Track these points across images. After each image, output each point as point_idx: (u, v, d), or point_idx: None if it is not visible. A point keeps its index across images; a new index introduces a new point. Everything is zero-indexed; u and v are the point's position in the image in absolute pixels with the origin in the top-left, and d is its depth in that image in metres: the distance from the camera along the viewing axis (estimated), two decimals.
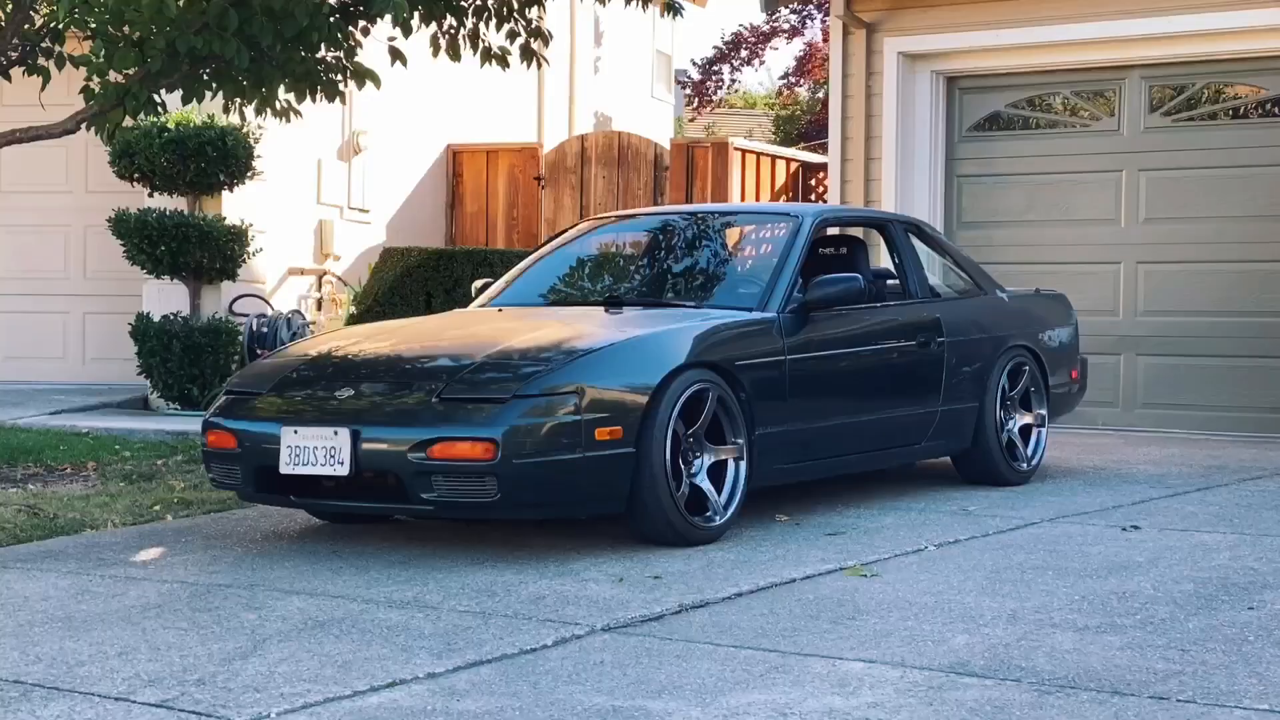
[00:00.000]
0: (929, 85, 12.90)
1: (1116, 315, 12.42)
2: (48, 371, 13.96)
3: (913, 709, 4.36)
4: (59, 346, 14.07)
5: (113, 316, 13.45)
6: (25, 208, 14.06)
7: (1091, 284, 12.43)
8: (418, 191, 16.21)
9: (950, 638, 5.16)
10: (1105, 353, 12.36)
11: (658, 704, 4.45)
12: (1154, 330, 12.28)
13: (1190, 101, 12.25)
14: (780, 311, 7.48)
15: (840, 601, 5.74)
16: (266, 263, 13.54)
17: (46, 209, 14.00)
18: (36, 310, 14.04)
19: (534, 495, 6.43)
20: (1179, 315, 12.21)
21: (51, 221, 14.02)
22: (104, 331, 13.71)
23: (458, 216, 16.77)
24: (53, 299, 14.02)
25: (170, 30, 7.89)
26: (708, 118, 33.89)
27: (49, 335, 14.07)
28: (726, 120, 35.79)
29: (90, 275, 13.93)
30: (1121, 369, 12.41)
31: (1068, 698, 4.44)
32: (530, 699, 4.51)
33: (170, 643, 5.21)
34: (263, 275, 13.48)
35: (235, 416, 6.99)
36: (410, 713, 4.39)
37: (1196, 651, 4.93)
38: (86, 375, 13.91)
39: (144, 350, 12.01)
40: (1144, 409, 12.31)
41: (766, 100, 35.89)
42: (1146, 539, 7.01)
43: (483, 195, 16.69)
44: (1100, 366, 12.35)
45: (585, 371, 6.56)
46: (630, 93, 21.37)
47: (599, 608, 5.66)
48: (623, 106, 21.08)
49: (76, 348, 14.05)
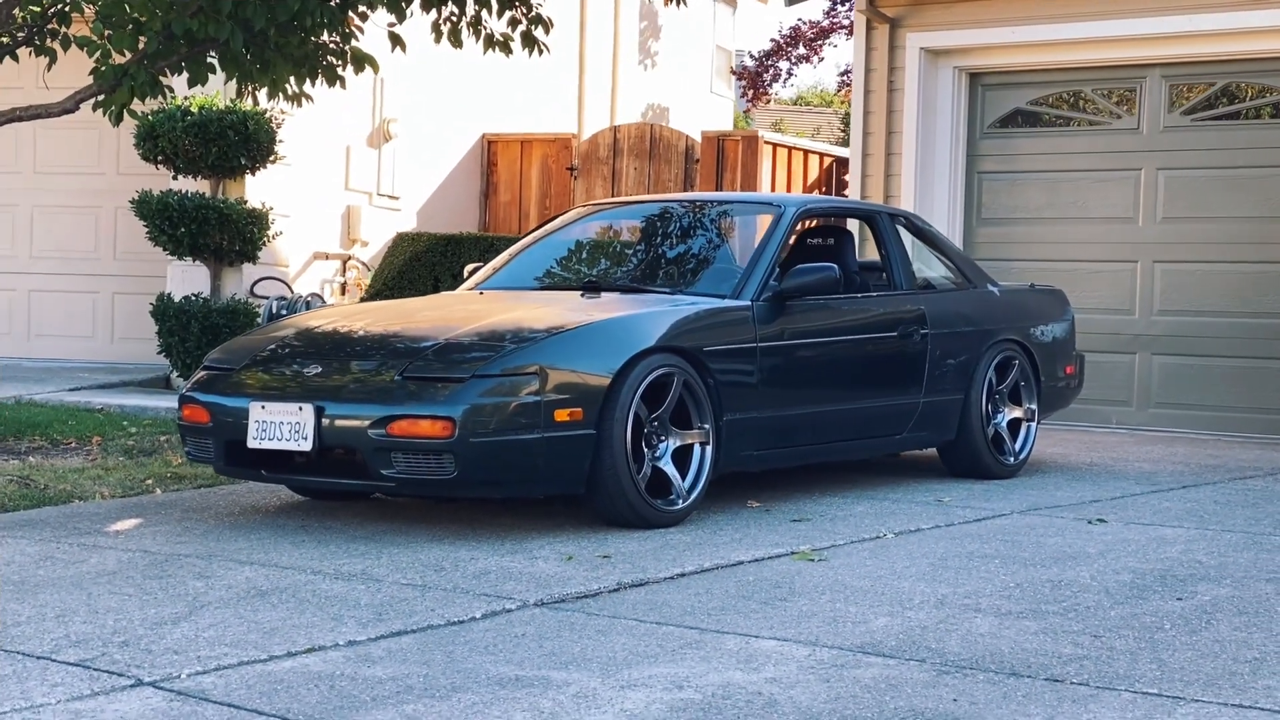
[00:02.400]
0: (951, 81, 12.91)
1: (1132, 314, 12.40)
2: (77, 349, 14.19)
3: (808, 684, 4.43)
4: (89, 325, 14.30)
5: (141, 297, 13.65)
6: (58, 188, 14.30)
7: (1107, 282, 12.42)
8: (451, 179, 16.35)
9: (872, 620, 5.23)
10: (1120, 351, 12.36)
11: (561, 674, 4.53)
12: (1169, 330, 12.25)
13: (1210, 101, 12.22)
14: (754, 299, 7.54)
15: (778, 584, 5.81)
16: (291, 246, 13.72)
17: (79, 190, 14.25)
18: (68, 289, 14.29)
19: (491, 474, 6.53)
20: (1194, 315, 12.17)
21: (83, 202, 14.26)
22: (132, 311, 13.91)
23: (492, 205, 16.91)
24: (83, 278, 14.26)
25: (166, 13, 8.03)
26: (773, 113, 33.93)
27: (79, 314, 14.31)
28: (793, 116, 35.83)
29: (120, 255, 14.16)
30: (1136, 368, 12.39)
31: (963, 678, 4.50)
32: (440, 667, 4.61)
33: (110, 607, 5.34)
34: (286, 259, 13.66)
35: (209, 391, 7.12)
36: (318, 677, 4.49)
37: (1109, 638, 4.97)
38: (114, 354, 14.13)
39: (164, 330, 12.19)
40: (1157, 408, 12.28)
41: (839, 97, 35.91)
42: (1107, 532, 7.04)
43: (516, 184, 16.83)
44: (1114, 365, 12.36)
45: (546, 353, 6.66)
46: (689, 87, 21.50)
47: (538, 584, 5.76)
48: (681, 100, 21.21)
49: (105, 327, 14.27)
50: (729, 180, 15.75)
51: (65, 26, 8.79)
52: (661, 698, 4.30)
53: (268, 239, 12.52)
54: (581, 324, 6.90)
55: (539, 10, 9.20)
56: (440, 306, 7.80)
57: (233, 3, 7.95)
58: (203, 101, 12.19)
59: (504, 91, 16.53)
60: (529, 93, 17.21)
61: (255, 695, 4.29)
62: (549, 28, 9.26)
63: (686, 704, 4.24)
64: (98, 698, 4.26)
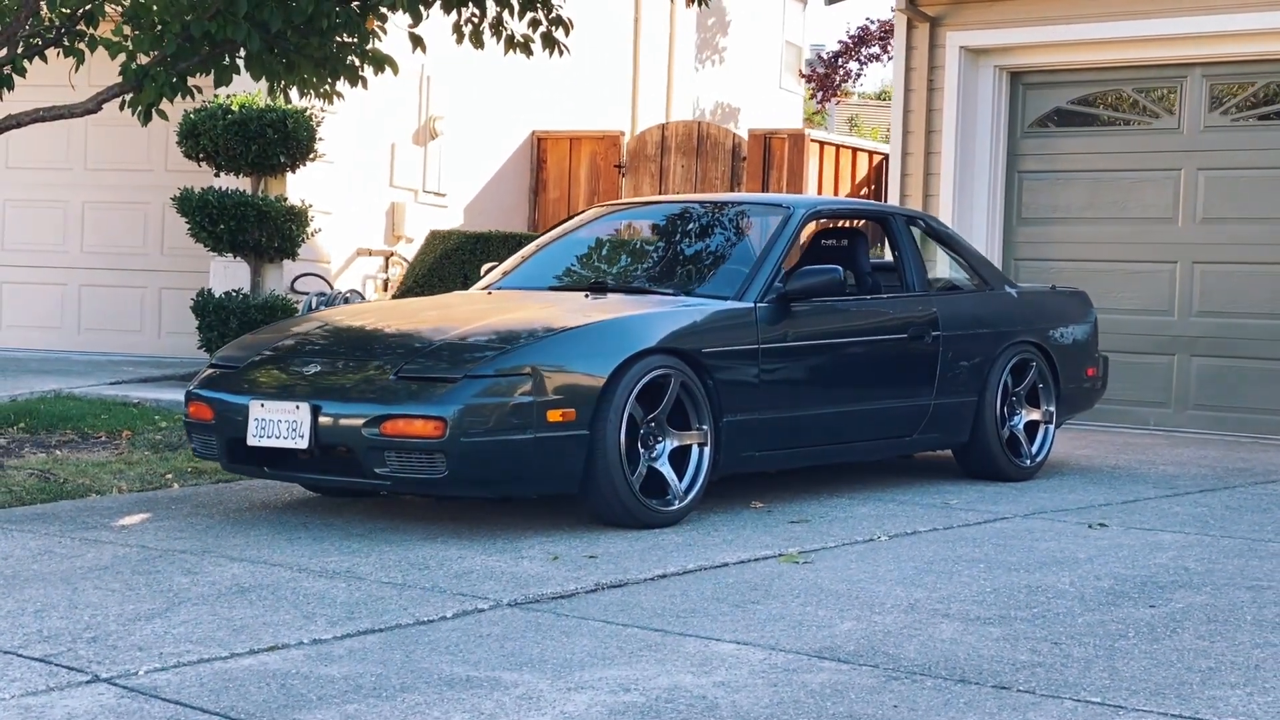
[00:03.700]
0: (991, 80, 12.87)
1: (1171, 315, 12.32)
2: (126, 344, 14.40)
3: (755, 689, 4.47)
4: (137, 320, 14.50)
5: (187, 292, 13.77)
6: (109, 185, 14.50)
7: (1147, 283, 12.36)
8: (500, 176, 16.45)
9: (837, 624, 5.25)
10: (1158, 353, 12.29)
11: (513, 675, 4.59)
12: (1208, 331, 12.16)
13: (1251, 100, 12.12)
14: (757, 301, 7.56)
15: (755, 586, 5.84)
16: (334, 243, 13.85)
17: (129, 186, 14.45)
18: (117, 284, 14.50)
19: (482, 474, 6.59)
20: (1234, 316, 12.07)
21: (133, 199, 14.47)
22: (179, 306, 14.08)
23: (541, 202, 16.99)
24: (132, 274, 14.46)
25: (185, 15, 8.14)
26: (851, 109, 33.80)
27: (128, 309, 14.51)
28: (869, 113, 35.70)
29: (168, 251, 14.34)
30: (1175, 369, 12.31)
31: (911, 684, 4.52)
32: (395, 667, 4.67)
33: (91, 602, 5.44)
34: (327, 255, 13.79)
35: (214, 388, 7.23)
36: (272, 675, 4.57)
37: (1068, 645, 4.97)
38: (162, 349, 14.31)
39: (203, 325, 12.34)
40: (1196, 410, 12.20)
41: None
42: (1104, 536, 7.02)
43: (565, 181, 16.90)
44: (1153, 367, 12.29)
45: (540, 354, 6.71)
46: (757, 83, 21.54)
47: (517, 584, 5.81)
48: (749, 97, 21.25)
49: (153, 321, 14.46)
50: (775, 179, 15.76)
51: (93, 28, 8.92)
52: (604, 700, 4.35)
53: (307, 235, 12.64)
54: (578, 325, 6.95)
55: (559, 11, 9.25)
56: (445, 307, 7.87)
57: (249, 5, 8.05)
58: (244, 100, 12.33)
59: (555, 89, 16.61)
60: (581, 90, 17.29)
61: (205, 693, 4.37)
62: (569, 29, 9.31)
63: (627, 707, 4.29)
64: (51, 693, 4.35)
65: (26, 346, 14.50)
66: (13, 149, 14.23)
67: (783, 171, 15.76)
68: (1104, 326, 12.22)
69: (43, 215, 14.68)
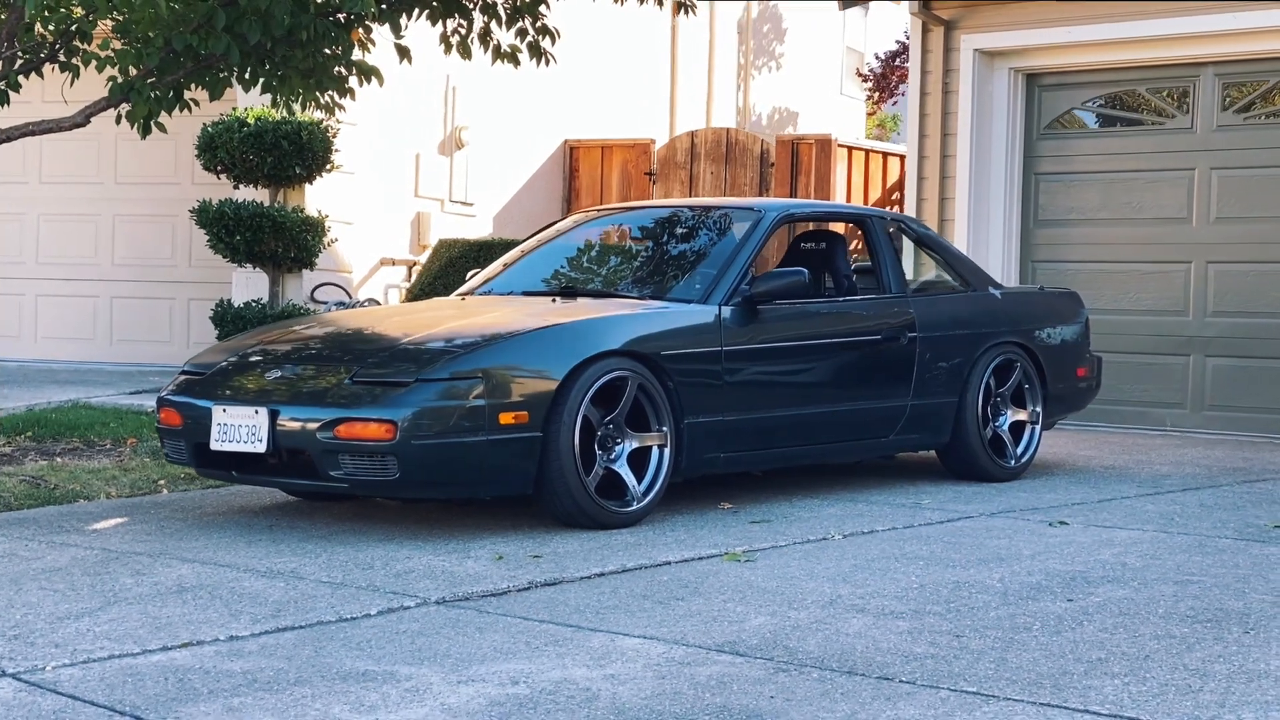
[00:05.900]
0: (1006, 82, 12.86)
1: (1186, 315, 12.27)
2: (156, 354, 14.63)
3: (641, 681, 4.54)
4: (166, 330, 14.74)
5: (213, 302, 14.01)
6: (138, 198, 14.75)
7: (1161, 283, 12.31)
8: (531, 185, 16.58)
9: (750, 619, 5.31)
10: (1173, 354, 12.24)
11: (409, 670, 4.68)
12: (1223, 331, 12.10)
13: (1264, 99, 12.06)
14: (722, 304, 7.62)
15: (686, 584, 5.91)
16: (356, 252, 14.01)
17: (157, 199, 14.69)
18: (147, 296, 14.74)
19: (434, 476, 6.69)
20: (1249, 316, 12.01)
21: (161, 212, 14.71)
22: (206, 317, 14.28)
23: (574, 210, 17.10)
24: (161, 285, 14.71)
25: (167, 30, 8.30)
26: None
27: (158, 319, 14.75)
28: None
29: (194, 263, 14.58)
30: (1190, 370, 12.26)
31: (796, 676, 4.58)
32: (300, 662, 4.78)
33: (30, 602, 5.58)
34: (349, 264, 13.96)
35: (182, 394, 7.37)
36: (176, 670, 4.68)
37: (969, 638, 5.01)
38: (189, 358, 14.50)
39: (222, 335, 12.54)
40: (1211, 410, 12.14)
41: None
42: (1059, 534, 7.03)
43: (598, 189, 17.02)
44: (1168, 367, 12.24)
45: (492, 356, 6.81)
46: (818, 90, 21.59)
47: (452, 582, 5.91)
48: (809, 103, 21.31)
49: (181, 331, 14.69)
50: (803, 184, 15.81)
51: (86, 43, 9.09)
52: (489, 693, 4.43)
53: (324, 245, 12.81)
54: (534, 329, 7.04)
55: (545, 21, 9.35)
56: (412, 313, 7.99)
57: (228, 19, 8.20)
58: (260, 113, 12.52)
59: (587, 98, 16.74)
60: (616, 99, 17.41)
61: (100, 687, 4.49)
62: (555, 38, 9.40)
63: (508, 699, 4.37)
64: None
65: (61, 358, 14.78)
66: (46, 163, 14.52)
67: (810, 177, 15.81)
68: (1119, 328, 12.25)
69: (75, 228, 14.96)
